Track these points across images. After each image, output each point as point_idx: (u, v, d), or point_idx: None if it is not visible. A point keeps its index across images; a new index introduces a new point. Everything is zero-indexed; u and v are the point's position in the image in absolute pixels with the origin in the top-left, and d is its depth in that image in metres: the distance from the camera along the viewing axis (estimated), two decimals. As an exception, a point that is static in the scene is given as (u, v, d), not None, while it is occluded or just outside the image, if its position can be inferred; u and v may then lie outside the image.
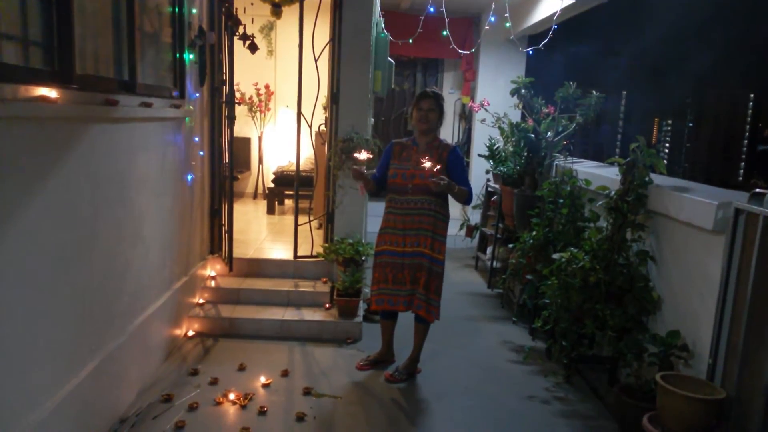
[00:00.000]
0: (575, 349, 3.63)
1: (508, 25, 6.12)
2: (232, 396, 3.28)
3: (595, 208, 3.93)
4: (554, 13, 5.78)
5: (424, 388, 3.60)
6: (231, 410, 3.19)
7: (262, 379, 3.51)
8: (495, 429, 3.17)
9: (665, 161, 3.66)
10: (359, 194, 3.78)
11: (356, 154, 3.51)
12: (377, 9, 5.26)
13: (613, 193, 3.54)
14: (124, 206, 3.07)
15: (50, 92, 2.27)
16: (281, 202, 7.26)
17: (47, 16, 2.36)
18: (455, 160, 3.60)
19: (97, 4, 2.82)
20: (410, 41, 6.21)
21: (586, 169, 4.53)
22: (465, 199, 3.59)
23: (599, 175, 4.14)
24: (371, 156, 3.54)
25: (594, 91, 4.64)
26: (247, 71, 7.25)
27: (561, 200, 4.25)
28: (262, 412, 3.16)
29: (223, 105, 4.56)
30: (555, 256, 3.77)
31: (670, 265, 3.26)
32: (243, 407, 3.21)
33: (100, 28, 2.86)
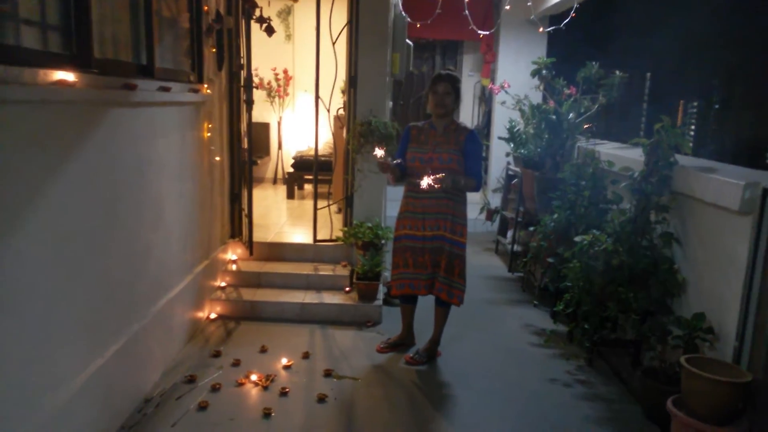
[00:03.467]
0: (597, 333, 3.60)
1: (528, 4, 6.02)
2: (254, 377, 3.32)
3: (618, 189, 3.87)
4: (576, -8, 5.66)
5: (444, 371, 3.60)
6: (253, 391, 3.22)
7: (284, 361, 3.54)
8: (516, 412, 3.16)
9: (690, 143, 3.57)
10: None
11: (375, 152, 3.47)
12: (395, -10, 5.20)
13: (636, 174, 3.47)
14: (144, 190, 3.10)
15: (69, 76, 2.28)
16: (300, 187, 7.28)
17: (65, 0, 2.36)
18: (472, 145, 3.54)
19: (115, -13, 2.82)
20: (429, 22, 6.13)
21: (608, 150, 4.46)
22: (472, 189, 3.55)
23: (622, 156, 4.07)
24: (384, 150, 3.51)
25: (617, 72, 4.55)
26: (266, 56, 7.25)
27: (583, 182, 4.18)
28: (283, 394, 3.19)
29: (242, 89, 4.56)
30: (577, 238, 3.72)
31: (695, 246, 3.19)
32: (265, 388, 3.24)
33: (118, 13, 2.86)
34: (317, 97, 4.64)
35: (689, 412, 2.62)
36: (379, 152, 3.44)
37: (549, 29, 6.82)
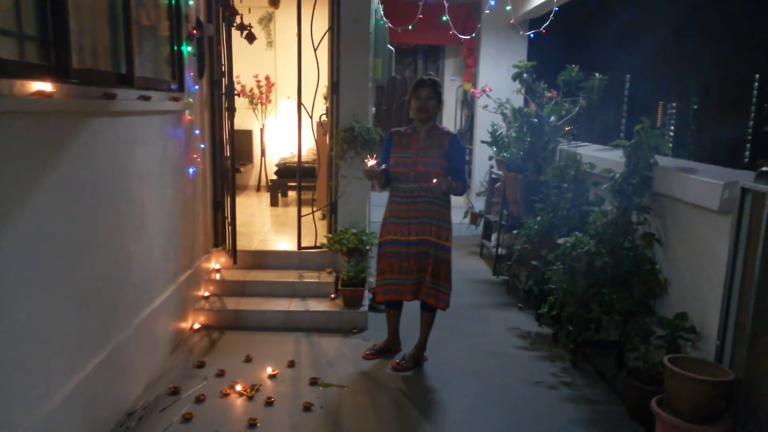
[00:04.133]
0: (582, 334, 3.61)
1: (508, 8, 6.07)
2: (238, 387, 3.29)
3: (599, 191, 3.90)
4: (555, -4, 5.71)
5: (431, 376, 3.60)
6: (238, 402, 3.19)
7: (269, 370, 3.51)
8: (503, 415, 3.16)
9: (670, 144, 3.62)
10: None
11: (367, 161, 3.48)
12: (376, -4, 5.21)
13: (617, 175, 3.51)
14: (126, 200, 3.07)
15: (47, 87, 2.25)
16: (284, 194, 7.25)
17: (42, 11, 2.34)
18: (456, 150, 3.56)
19: (93, -3, 2.79)
20: (410, 28, 6.16)
21: (590, 152, 4.50)
22: (460, 193, 3.56)
23: (604, 158, 4.11)
24: (378, 160, 3.53)
25: (597, 74, 4.59)
26: (248, 63, 7.22)
27: (565, 185, 4.21)
28: (269, 403, 3.16)
29: (223, 97, 4.54)
30: (560, 241, 3.75)
31: (677, 247, 3.23)
32: (250, 398, 3.21)
33: (96, 22, 2.84)
34: (300, 103, 4.63)
35: (673, 412, 2.65)
36: (371, 161, 3.45)
37: (529, 33, 6.88)
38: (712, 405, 2.58)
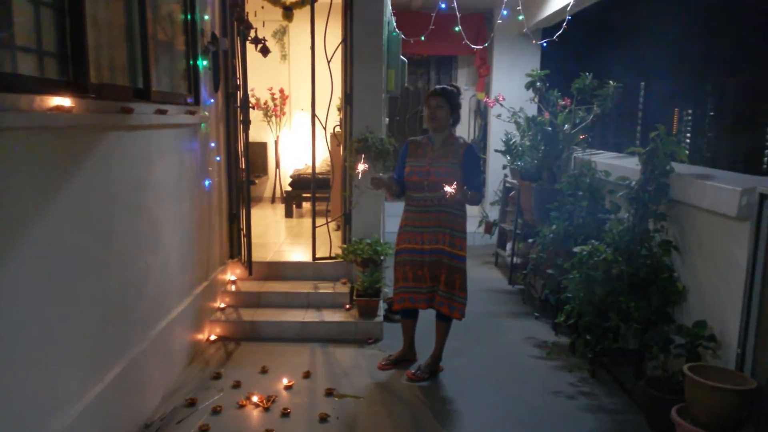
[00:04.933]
0: (600, 343, 3.57)
1: (521, 17, 6.07)
2: (255, 399, 3.29)
3: (615, 199, 3.87)
4: (568, 4, 5.71)
5: (447, 386, 3.58)
6: (254, 413, 3.19)
7: (285, 381, 3.52)
8: (520, 426, 3.13)
9: (686, 150, 3.58)
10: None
11: (357, 168, 3.46)
12: (388, 8, 5.25)
13: (633, 183, 3.48)
14: (142, 213, 3.10)
15: (66, 102, 2.29)
16: (299, 206, 7.28)
17: (60, 27, 2.39)
18: (471, 159, 3.55)
19: (110, 13, 2.85)
20: (422, 38, 6.18)
21: (605, 160, 4.47)
22: (476, 202, 3.53)
23: (619, 165, 4.08)
24: (366, 167, 3.50)
25: (611, 82, 4.57)
26: (262, 76, 7.29)
27: (580, 193, 4.19)
28: (285, 414, 3.16)
29: (238, 110, 4.58)
30: (576, 249, 3.72)
31: (695, 254, 3.19)
32: (266, 409, 3.21)
33: (113, 37, 2.89)
34: (314, 115, 4.66)
35: (694, 421, 2.60)
36: (361, 167, 3.44)
37: (542, 42, 6.87)
38: (734, 414, 2.53)
